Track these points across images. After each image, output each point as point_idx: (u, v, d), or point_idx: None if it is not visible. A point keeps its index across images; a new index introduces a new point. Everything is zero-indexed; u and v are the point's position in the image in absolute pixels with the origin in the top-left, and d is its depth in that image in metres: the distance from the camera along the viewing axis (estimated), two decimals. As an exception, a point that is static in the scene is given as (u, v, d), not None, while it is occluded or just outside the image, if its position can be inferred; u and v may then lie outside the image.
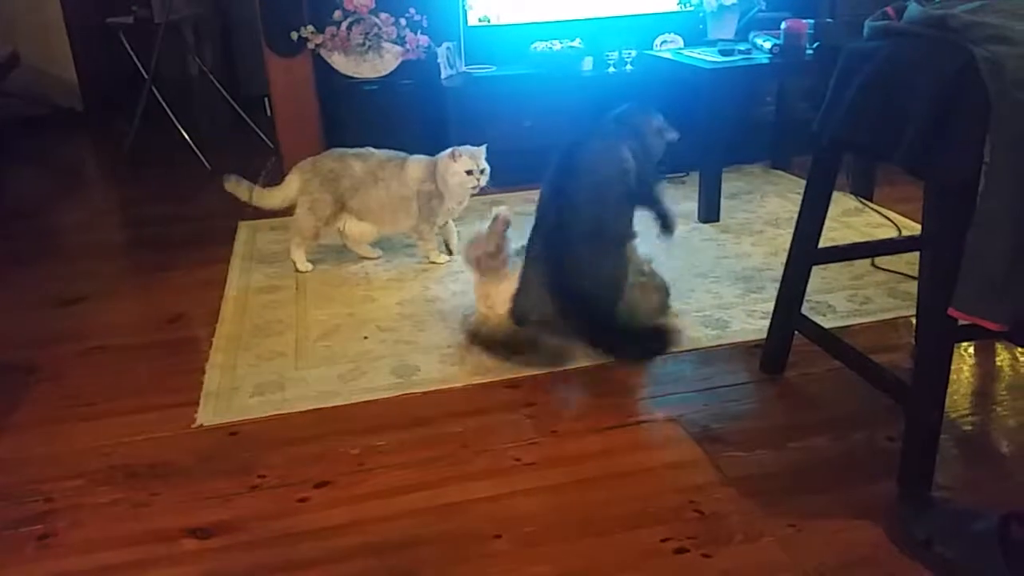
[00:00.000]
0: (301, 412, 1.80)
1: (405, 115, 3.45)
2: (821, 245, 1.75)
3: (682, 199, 3.13)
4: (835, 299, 2.22)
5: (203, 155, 4.00)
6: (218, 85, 4.50)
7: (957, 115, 1.22)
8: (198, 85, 4.48)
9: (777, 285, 2.13)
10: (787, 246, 2.31)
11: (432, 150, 3.03)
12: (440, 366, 1.96)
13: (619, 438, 1.67)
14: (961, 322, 1.30)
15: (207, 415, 1.80)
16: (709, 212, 2.90)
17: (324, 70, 3.44)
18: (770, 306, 2.13)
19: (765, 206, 3.05)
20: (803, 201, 1.69)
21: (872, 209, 2.90)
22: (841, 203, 2.96)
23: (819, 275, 2.31)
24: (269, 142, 4.26)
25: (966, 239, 1.25)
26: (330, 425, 1.75)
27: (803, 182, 1.71)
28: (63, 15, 4.97)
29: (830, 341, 1.70)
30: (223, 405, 1.83)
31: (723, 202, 2.92)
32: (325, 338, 2.14)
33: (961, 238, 1.25)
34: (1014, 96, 1.17)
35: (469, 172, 2.49)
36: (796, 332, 1.82)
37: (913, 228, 2.68)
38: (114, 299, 2.53)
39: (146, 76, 4.05)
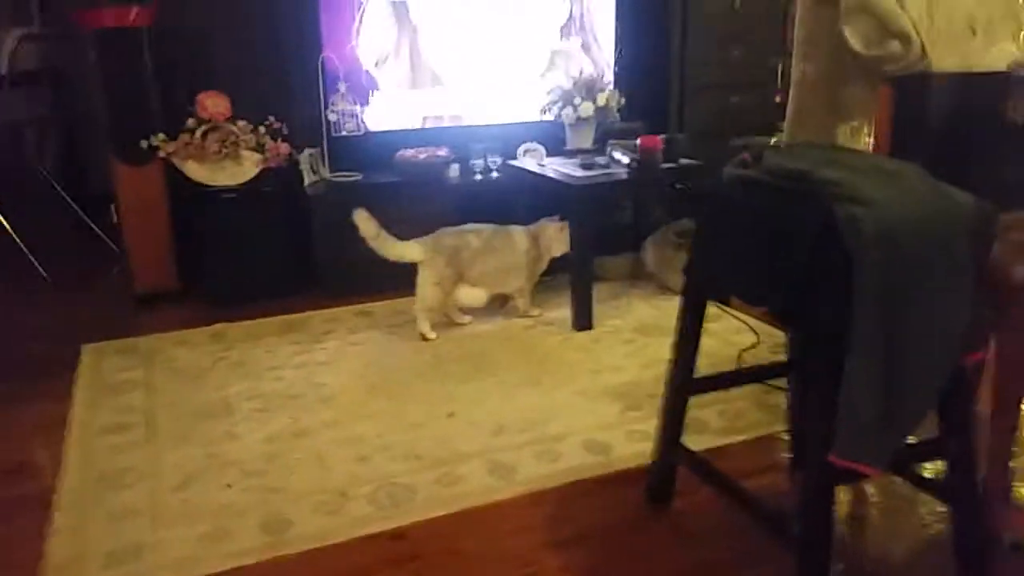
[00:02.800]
0: (159, 588, 1.61)
1: (267, 223, 3.32)
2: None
3: (556, 305, 3.16)
4: (707, 414, 2.27)
5: (41, 265, 3.68)
6: (59, 190, 4.19)
7: (823, 270, 1.28)
8: (37, 187, 4.16)
9: (653, 402, 2.16)
10: (658, 356, 2.36)
11: (297, 256, 3.15)
12: (314, 518, 1.82)
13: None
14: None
15: (46, 600, 1.57)
16: (582, 320, 2.93)
17: (177, 178, 3.27)
18: (649, 426, 2.16)
19: (632, 312, 3.12)
20: (677, 339, 1.72)
21: (729, 314, 3.02)
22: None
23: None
24: (114, 246, 3.98)
25: (840, 389, 1.29)
26: (193, 602, 1.57)
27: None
28: None
29: (714, 476, 1.71)
30: (66, 584, 1.61)
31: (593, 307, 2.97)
32: (183, 488, 1.95)
33: (836, 385, 1.29)
34: (872, 255, 1.23)
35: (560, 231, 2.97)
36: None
37: (768, 332, 2.81)
38: (-66, 448, 2.21)
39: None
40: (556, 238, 3.02)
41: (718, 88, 3.88)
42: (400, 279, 2.90)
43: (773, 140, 3.16)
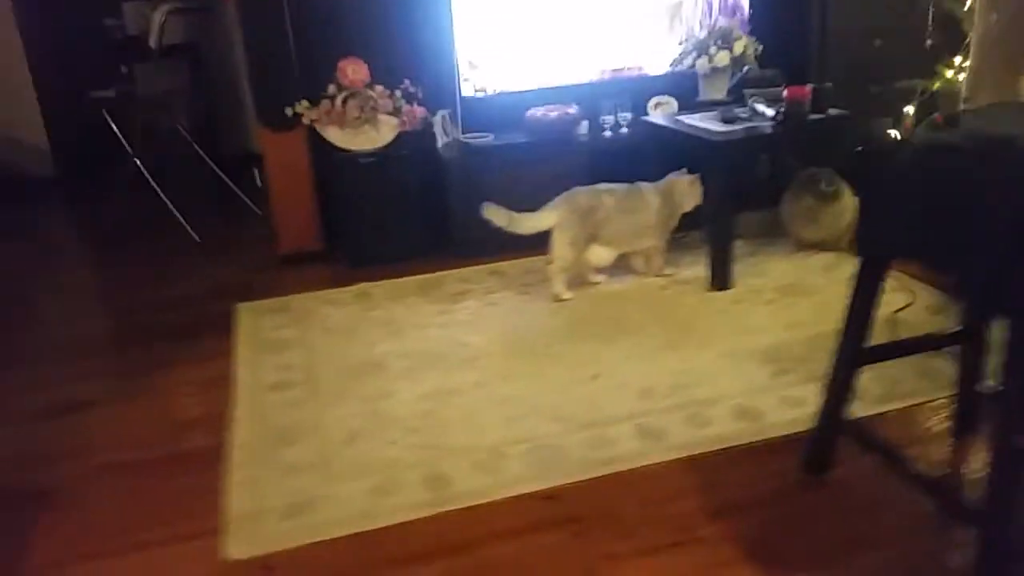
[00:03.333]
0: (338, 539, 1.72)
1: (403, 185, 3.40)
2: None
3: (688, 263, 3.12)
4: (864, 380, 2.18)
5: (191, 227, 3.92)
6: (203, 155, 4.42)
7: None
8: (181, 154, 4.41)
9: (804, 366, 2.11)
10: (803, 318, 2.27)
11: (435, 219, 3.22)
12: (473, 476, 1.89)
13: (675, 563, 1.61)
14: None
15: (237, 546, 1.71)
16: (721, 279, 2.88)
17: (318, 143, 3.39)
18: (801, 391, 2.13)
19: (771, 270, 3.04)
20: (850, 306, 1.67)
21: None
22: (846, 266, 2.96)
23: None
24: (257, 209, 4.19)
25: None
26: (371, 552, 1.68)
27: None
28: (33, 80, 4.87)
29: (877, 446, 1.67)
30: (252, 533, 1.75)
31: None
32: (350, 443, 2.07)
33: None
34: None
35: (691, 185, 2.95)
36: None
37: (922, 291, 2.68)
38: (114, 405, 2.40)
39: (130, 150, 3.96)
40: (688, 192, 2.97)
41: (862, 32, 3.65)
42: (529, 239, 2.92)
43: (931, 86, 2.98)
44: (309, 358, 2.56)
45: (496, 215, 2.88)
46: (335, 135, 3.36)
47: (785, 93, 2.91)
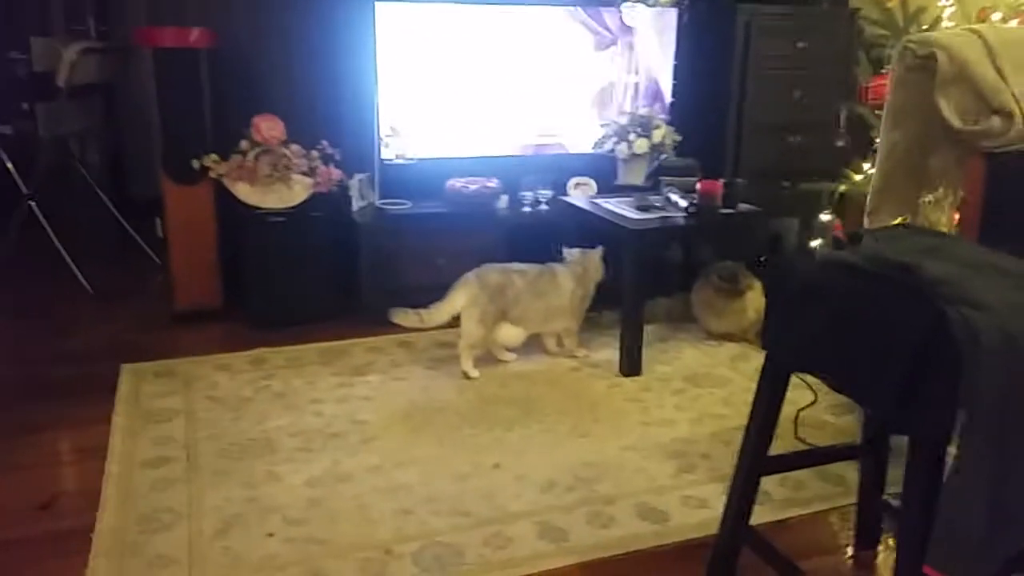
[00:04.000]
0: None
1: (313, 247, 3.29)
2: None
3: (601, 344, 3.09)
4: (767, 483, 2.16)
5: (84, 273, 3.68)
6: (104, 198, 4.20)
7: (930, 374, 1.19)
8: (82, 197, 4.18)
9: (707, 463, 2.08)
10: (710, 410, 2.21)
11: (341, 281, 3.21)
12: (359, 577, 1.76)
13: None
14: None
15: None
16: (631, 365, 2.85)
17: (226, 198, 3.25)
18: (705, 491, 2.09)
19: (681, 357, 3.03)
20: (752, 414, 1.63)
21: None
22: (753, 359, 2.99)
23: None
24: (156, 258, 3.98)
25: (940, 498, 1.20)
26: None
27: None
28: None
29: (779, 560, 1.62)
30: (102, 638, 1.56)
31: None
32: (223, 534, 1.90)
33: (935, 495, 1.21)
34: (988, 363, 1.14)
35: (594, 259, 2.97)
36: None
37: (825, 389, 2.70)
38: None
39: (25, 190, 3.72)
40: (597, 266, 2.97)
41: (776, 128, 3.78)
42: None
43: (837, 189, 3.07)
44: (191, 431, 2.38)
45: (406, 319, 2.84)
46: (244, 191, 3.23)
47: (698, 186, 2.95)
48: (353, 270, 3.35)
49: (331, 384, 2.73)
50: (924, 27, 2.64)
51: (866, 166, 3.25)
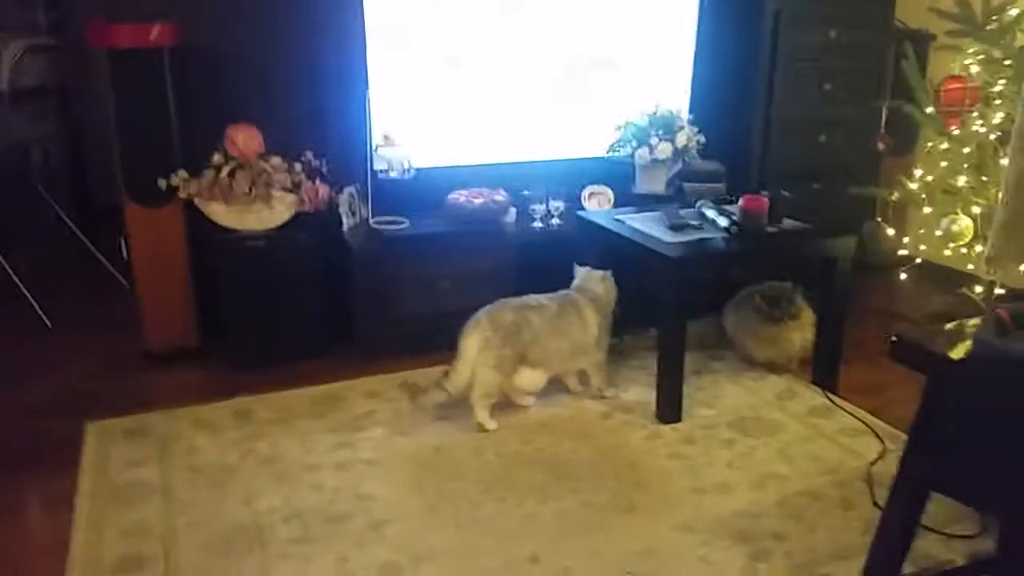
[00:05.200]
0: None
1: (300, 274, 2.91)
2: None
3: (628, 379, 2.75)
4: None
5: (42, 302, 3.28)
6: (65, 218, 3.77)
7: None
8: (40, 211, 3.75)
9: (782, 544, 1.76)
10: (769, 469, 2.11)
11: (333, 313, 2.95)
12: None
13: None
14: None
15: None
16: (670, 411, 2.51)
17: (199, 221, 2.85)
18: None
19: (721, 395, 2.70)
20: (880, 536, 1.30)
21: (840, 408, 2.60)
22: (803, 396, 2.67)
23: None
24: (124, 280, 3.57)
25: None
26: None
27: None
28: None
29: None
30: None
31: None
32: (211, 674, 1.54)
33: None
34: None
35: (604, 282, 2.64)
36: None
37: (892, 435, 2.39)
38: None
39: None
40: (612, 289, 2.65)
41: (807, 127, 3.44)
42: (448, 338, 2.47)
43: (888, 195, 2.73)
44: (169, 517, 2.02)
45: (435, 397, 2.46)
46: (219, 212, 2.84)
47: (742, 203, 2.60)
48: (345, 299, 2.98)
49: (328, 444, 2.37)
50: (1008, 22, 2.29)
51: (917, 172, 2.92)
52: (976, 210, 2.36)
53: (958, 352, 1.14)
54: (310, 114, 3.05)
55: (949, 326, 1.27)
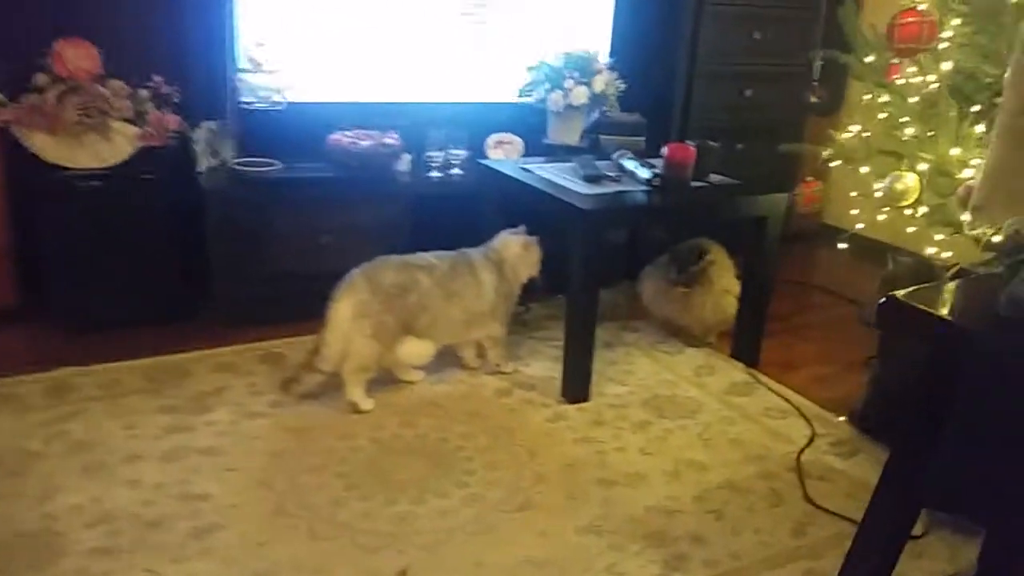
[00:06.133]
0: None
1: (144, 222, 2.42)
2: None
3: (531, 352, 2.41)
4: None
5: None
6: None
7: None
8: None
9: (701, 548, 1.47)
10: (686, 455, 1.84)
11: (188, 273, 2.53)
12: None
13: None
14: None
15: None
16: (577, 389, 2.17)
17: (18, 155, 2.33)
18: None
19: (634, 371, 2.38)
20: (857, 552, 0.97)
21: (763, 384, 2.31)
22: (723, 371, 2.37)
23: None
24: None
25: None
26: None
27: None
28: None
29: None
30: None
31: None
32: None
33: None
34: None
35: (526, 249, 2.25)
36: None
37: (821, 418, 2.12)
38: None
39: None
40: (523, 259, 2.25)
41: (734, 78, 3.14)
42: (319, 307, 2.05)
43: (820, 152, 2.44)
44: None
45: (312, 379, 2.05)
46: (44, 145, 2.34)
47: (665, 151, 2.26)
48: (200, 252, 2.51)
49: (158, 428, 1.92)
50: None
51: (854, 127, 2.64)
52: (923, 167, 2.08)
53: (983, 318, 0.81)
54: (161, 30, 2.54)
55: (951, 285, 0.96)
